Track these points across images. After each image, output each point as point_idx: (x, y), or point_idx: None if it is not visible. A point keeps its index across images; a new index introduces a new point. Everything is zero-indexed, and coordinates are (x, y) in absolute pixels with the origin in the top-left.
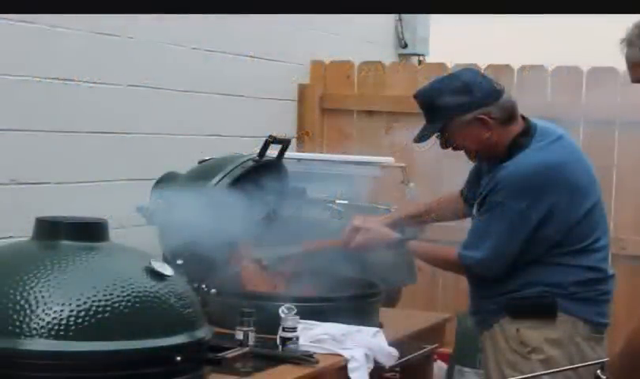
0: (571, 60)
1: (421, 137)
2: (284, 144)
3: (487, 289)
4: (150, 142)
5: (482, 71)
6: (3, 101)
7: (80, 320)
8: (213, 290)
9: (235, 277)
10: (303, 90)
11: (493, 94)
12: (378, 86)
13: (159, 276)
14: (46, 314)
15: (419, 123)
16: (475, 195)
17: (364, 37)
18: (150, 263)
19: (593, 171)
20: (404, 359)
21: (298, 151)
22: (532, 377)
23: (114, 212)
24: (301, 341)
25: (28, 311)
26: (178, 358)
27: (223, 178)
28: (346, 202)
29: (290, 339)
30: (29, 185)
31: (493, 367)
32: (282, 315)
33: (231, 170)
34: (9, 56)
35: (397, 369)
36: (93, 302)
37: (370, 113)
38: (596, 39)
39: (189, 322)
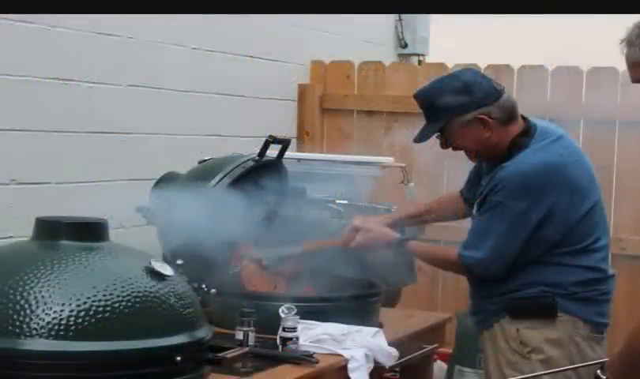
0: (571, 60)
1: (421, 137)
2: (284, 144)
3: (487, 289)
4: (150, 142)
5: (482, 71)
6: (3, 101)
7: (80, 320)
8: (213, 290)
9: (235, 277)
10: (303, 90)
11: (493, 94)
12: (378, 86)
13: (159, 276)
14: (46, 314)
15: (419, 123)
16: (475, 195)
17: (364, 37)
18: (150, 263)
19: (593, 171)
20: (404, 359)
21: (298, 151)
22: (532, 377)
23: (114, 212)
24: (301, 341)
25: (28, 311)
26: (178, 358)
27: (223, 178)
28: (346, 202)
29: (290, 339)
30: (29, 185)
31: (493, 367)
32: (282, 315)
33: (231, 170)
34: (9, 56)
35: (397, 369)
36: (93, 302)
37: (370, 113)
38: (596, 39)
39: (189, 322)
